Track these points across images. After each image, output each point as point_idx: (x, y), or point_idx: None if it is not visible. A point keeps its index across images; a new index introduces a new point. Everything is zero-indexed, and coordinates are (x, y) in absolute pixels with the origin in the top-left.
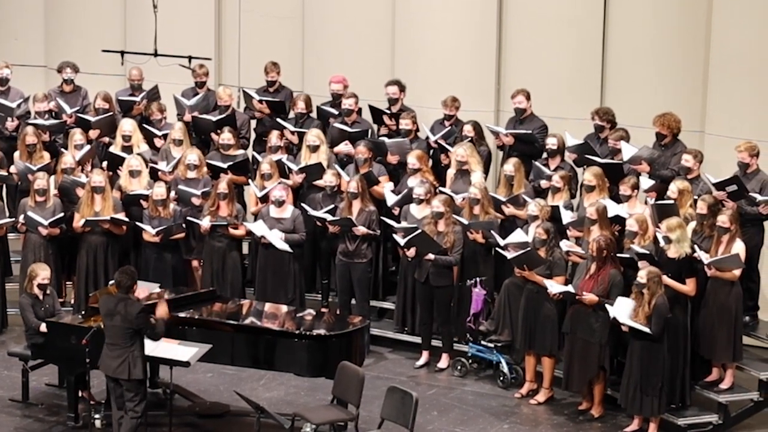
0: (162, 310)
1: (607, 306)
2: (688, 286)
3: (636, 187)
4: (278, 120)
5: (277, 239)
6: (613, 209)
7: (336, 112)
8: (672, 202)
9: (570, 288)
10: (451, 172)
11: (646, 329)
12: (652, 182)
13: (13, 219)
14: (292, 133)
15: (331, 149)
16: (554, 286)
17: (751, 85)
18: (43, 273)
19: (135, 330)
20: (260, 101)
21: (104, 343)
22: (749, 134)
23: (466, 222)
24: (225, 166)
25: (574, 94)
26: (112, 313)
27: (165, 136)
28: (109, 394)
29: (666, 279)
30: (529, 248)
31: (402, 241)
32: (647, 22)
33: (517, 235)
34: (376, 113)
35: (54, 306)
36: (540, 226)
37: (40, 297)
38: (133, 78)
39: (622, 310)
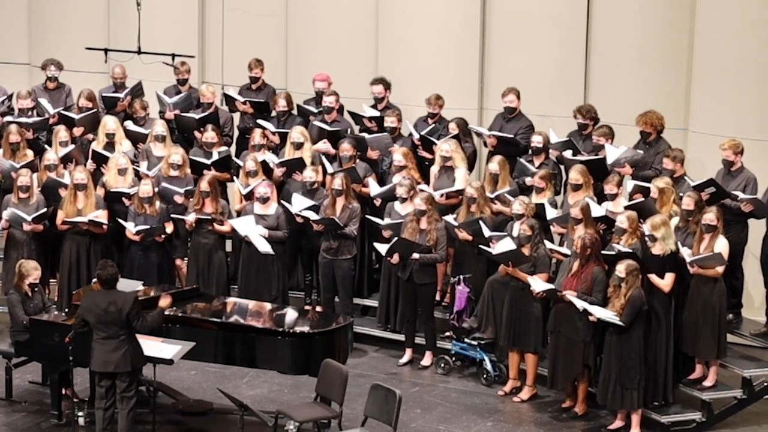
0: (166, 302)
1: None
2: (665, 281)
3: (621, 184)
4: (259, 121)
5: (261, 241)
6: (596, 210)
7: (316, 111)
8: (643, 200)
9: (553, 285)
10: (434, 169)
11: (616, 319)
12: (635, 183)
13: None
14: (273, 133)
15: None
16: (538, 284)
17: (734, 82)
18: (35, 273)
19: (129, 321)
20: (244, 102)
21: (93, 341)
22: (733, 132)
23: (456, 223)
24: (209, 162)
25: (557, 92)
26: (104, 309)
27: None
28: (93, 390)
29: (652, 277)
30: (514, 246)
31: (383, 251)
32: (631, 20)
33: (505, 244)
34: (355, 118)
35: (43, 302)
36: (525, 223)
37: (29, 294)
38: (116, 76)
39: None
